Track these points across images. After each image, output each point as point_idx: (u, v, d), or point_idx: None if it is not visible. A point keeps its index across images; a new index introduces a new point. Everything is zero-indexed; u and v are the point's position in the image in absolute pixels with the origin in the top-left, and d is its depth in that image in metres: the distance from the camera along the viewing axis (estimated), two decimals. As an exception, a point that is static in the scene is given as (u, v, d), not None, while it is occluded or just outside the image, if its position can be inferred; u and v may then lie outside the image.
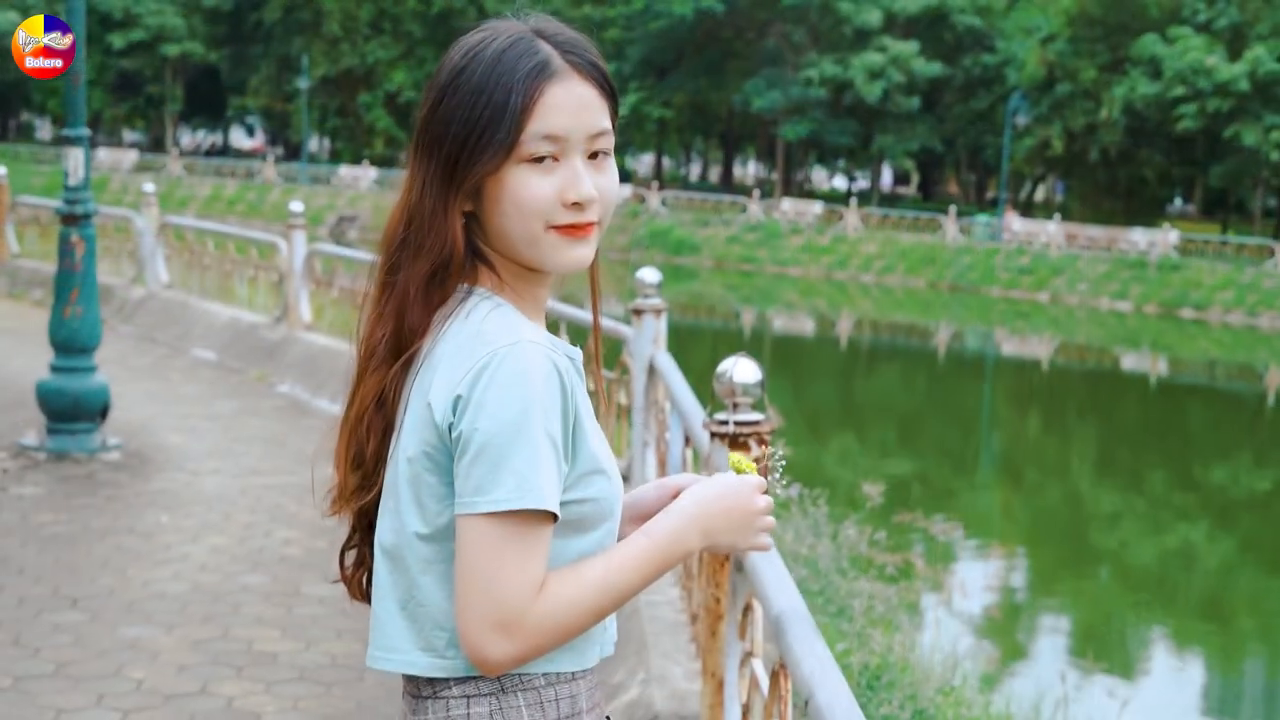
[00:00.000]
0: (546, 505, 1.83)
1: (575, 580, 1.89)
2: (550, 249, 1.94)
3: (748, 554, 3.53)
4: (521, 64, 1.91)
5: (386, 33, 68.27)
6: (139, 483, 8.80)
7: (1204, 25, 55.00)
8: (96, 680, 5.62)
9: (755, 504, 2.05)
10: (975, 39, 64.10)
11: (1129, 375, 37.34)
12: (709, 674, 4.15)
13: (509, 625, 1.84)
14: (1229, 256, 49.99)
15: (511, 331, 1.89)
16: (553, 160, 1.92)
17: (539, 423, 1.83)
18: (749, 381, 3.94)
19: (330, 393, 11.84)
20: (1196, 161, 58.46)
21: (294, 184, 60.44)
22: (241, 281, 14.88)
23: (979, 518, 17.62)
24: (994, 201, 64.77)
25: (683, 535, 1.99)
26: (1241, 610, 16.24)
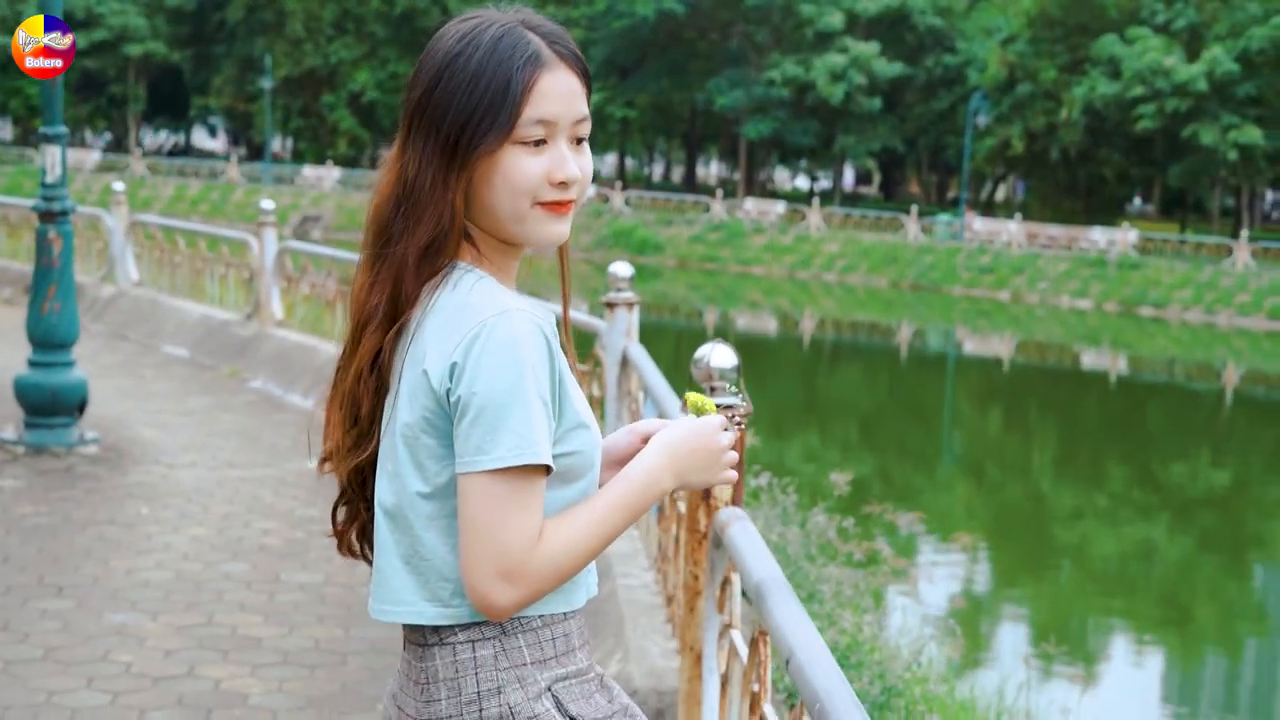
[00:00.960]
0: (543, 460, 1.99)
1: (568, 527, 2.05)
2: (535, 224, 2.10)
3: (726, 529, 3.71)
4: (517, 52, 2.06)
5: (350, 33, 68.25)
6: (117, 476, 8.91)
7: (1162, 26, 55.55)
8: (86, 664, 5.75)
9: (720, 442, 2.23)
10: (936, 40, 64.52)
11: (1089, 373, 37.66)
12: (687, 648, 4.31)
13: (513, 573, 1.99)
14: (1187, 255, 50.52)
15: (498, 301, 2.03)
16: (541, 143, 2.08)
17: (531, 384, 1.98)
18: (726, 366, 4.08)
19: (302, 388, 11.97)
20: (1155, 161, 58.98)
21: (258, 184, 60.40)
22: (212, 279, 14.96)
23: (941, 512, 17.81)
24: (955, 201, 65.22)
25: (658, 477, 2.16)
26: (1199, 602, 16.49)
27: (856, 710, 2.45)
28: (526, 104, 2.06)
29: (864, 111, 61.29)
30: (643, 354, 6.89)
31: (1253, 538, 20.04)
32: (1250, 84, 52.63)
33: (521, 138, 2.06)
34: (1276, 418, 32.65)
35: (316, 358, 12.26)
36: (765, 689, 3.29)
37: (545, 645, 2.11)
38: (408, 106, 2.15)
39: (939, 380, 35.38)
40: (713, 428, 2.23)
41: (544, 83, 2.07)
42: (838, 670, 2.66)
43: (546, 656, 2.11)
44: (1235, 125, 52.36)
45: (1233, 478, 24.33)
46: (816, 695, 2.54)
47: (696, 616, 4.25)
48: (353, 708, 5.46)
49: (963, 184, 61.19)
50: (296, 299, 13.54)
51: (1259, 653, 15.24)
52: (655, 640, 5.33)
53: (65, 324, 9.29)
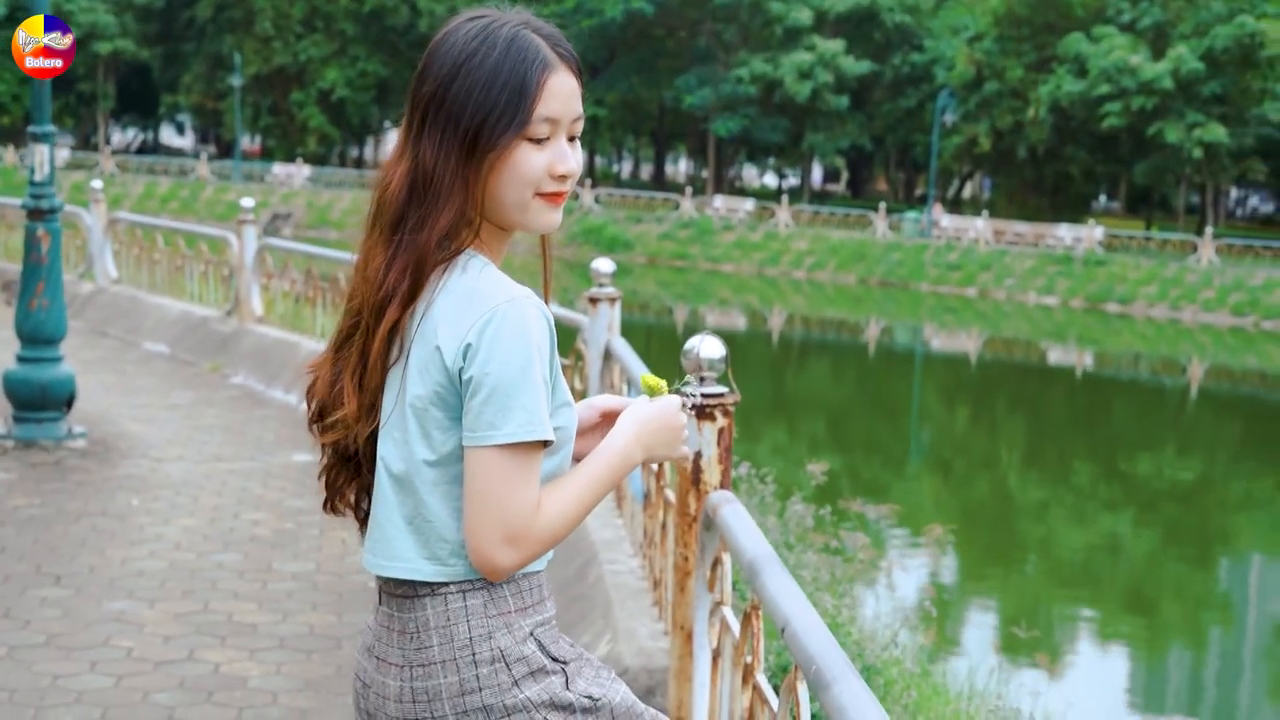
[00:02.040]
0: (547, 436, 2.20)
1: (560, 496, 2.27)
2: (535, 213, 2.30)
3: (718, 511, 3.91)
4: (529, 54, 2.25)
5: (319, 31, 68.18)
6: (106, 469, 9.06)
7: (1128, 25, 55.94)
8: (87, 649, 5.91)
9: (679, 420, 2.49)
10: (904, 38, 64.84)
11: (1056, 369, 37.91)
12: (678, 627, 4.50)
13: (516, 538, 2.20)
14: (1153, 252, 50.94)
15: (508, 288, 2.23)
16: (545, 140, 2.28)
17: (537, 367, 2.19)
18: (714, 357, 4.27)
19: (284, 384, 12.12)
20: (1121, 159, 59.36)
21: (227, 182, 60.30)
22: (191, 276, 15.08)
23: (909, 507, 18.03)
24: (922, 198, 65.56)
25: (630, 451, 2.40)
26: (1164, 594, 16.74)
27: (849, 669, 2.64)
28: (538, 103, 2.24)
29: (832, 109, 61.51)
30: (625, 347, 7.09)
31: (1217, 531, 20.30)
32: (1215, 82, 53.04)
33: (532, 135, 2.25)
34: (1240, 413, 32.94)
35: (297, 353, 12.41)
36: (758, 660, 3.49)
37: (525, 595, 2.31)
38: (420, 98, 2.30)
39: (907, 376, 35.62)
40: (674, 407, 2.48)
41: (551, 83, 2.26)
42: (830, 636, 2.86)
43: (527, 605, 2.31)
44: (1200, 123, 52.76)
45: (1197, 472, 24.57)
46: (812, 658, 2.74)
47: (687, 596, 4.45)
48: (349, 689, 5.63)
49: (930, 181, 61.46)
50: (276, 296, 13.68)
51: (1222, 642, 15.49)
52: (643, 622, 5.53)
53: (53, 320, 9.44)
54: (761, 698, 3.42)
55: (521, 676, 2.27)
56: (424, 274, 2.26)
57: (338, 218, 56.80)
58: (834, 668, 2.65)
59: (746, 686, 3.57)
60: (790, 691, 3.07)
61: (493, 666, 2.26)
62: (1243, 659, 15.13)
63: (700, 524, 4.30)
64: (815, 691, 2.67)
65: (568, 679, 2.31)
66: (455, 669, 2.26)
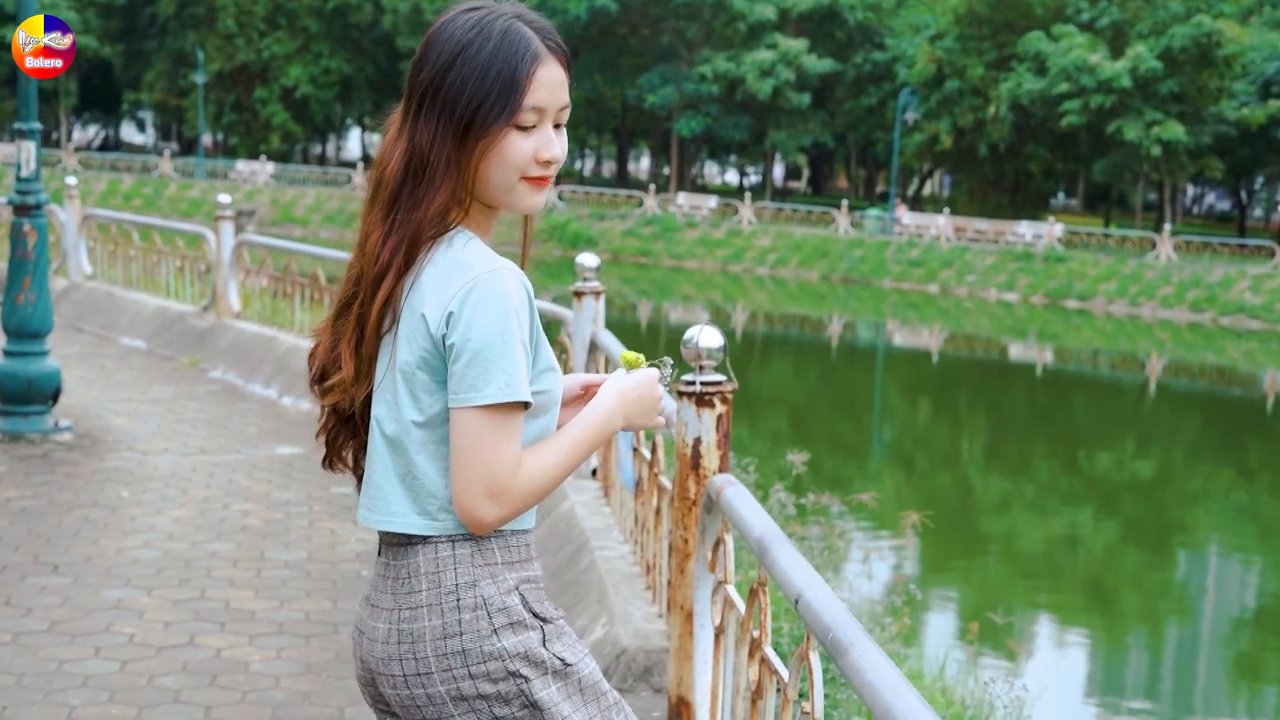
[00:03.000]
0: (525, 398, 2.34)
1: (543, 456, 2.43)
2: (521, 195, 2.46)
3: (721, 493, 4.07)
4: (520, 46, 2.41)
5: (282, 28, 68.06)
6: (93, 461, 9.17)
7: (1087, 24, 56.41)
8: (90, 636, 6.02)
9: (656, 391, 2.65)
10: (866, 36, 65.19)
11: (1017, 364, 38.19)
12: (677, 607, 4.66)
13: (498, 494, 2.36)
14: (1112, 249, 51.40)
15: (490, 259, 2.39)
16: (532, 127, 2.43)
17: (515, 332, 2.34)
18: (713, 346, 4.45)
19: (263, 378, 12.23)
20: (1081, 156, 59.82)
21: (191, 179, 60.13)
22: (167, 272, 15.15)
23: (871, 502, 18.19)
24: (883, 195, 65.90)
25: (611, 419, 2.56)
26: (1123, 585, 16.96)
27: (864, 634, 2.80)
28: (527, 93, 2.40)
29: (794, 107, 61.76)
30: (611, 338, 7.25)
31: (1175, 523, 20.55)
32: (1173, 81, 53.52)
33: (520, 123, 2.41)
34: (1198, 408, 33.28)
35: (276, 348, 12.52)
36: (766, 633, 3.65)
37: (512, 550, 2.46)
38: (419, 85, 2.45)
39: (869, 372, 35.85)
40: (651, 379, 2.65)
41: (540, 74, 2.41)
42: (842, 604, 3.02)
43: (514, 560, 2.46)
44: (1158, 121, 53.24)
45: (1156, 466, 24.86)
46: (828, 626, 2.90)
47: (687, 577, 4.60)
48: (348, 673, 5.76)
49: (892, 179, 61.82)
50: (254, 290, 13.77)
51: (1179, 631, 15.71)
52: (637, 605, 5.68)
53: (40, 314, 9.53)
54: (770, 668, 3.57)
55: (501, 626, 2.40)
56: (417, 249, 2.42)
57: (302, 214, 56.74)
58: (850, 633, 2.81)
59: (753, 659, 3.72)
60: (801, 660, 3.23)
61: (475, 613, 2.40)
62: (1199, 647, 15.37)
63: (701, 507, 4.46)
64: (833, 656, 2.82)
65: (545, 637, 2.44)
66: (440, 613, 2.41)
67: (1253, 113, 56.21)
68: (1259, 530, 20.53)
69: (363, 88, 71.85)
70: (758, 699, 3.68)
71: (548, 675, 2.43)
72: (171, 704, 5.34)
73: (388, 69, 70.65)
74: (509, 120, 2.39)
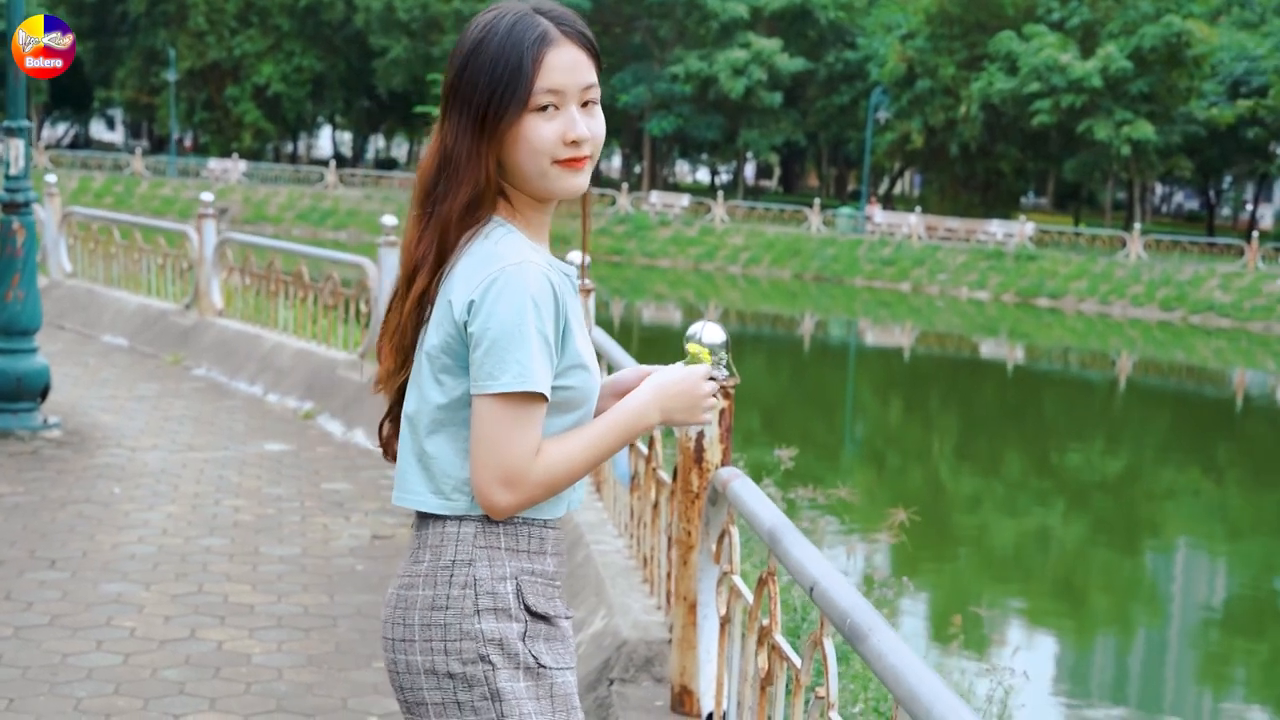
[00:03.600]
0: (539, 388, 2.39)
1: (563, 446, 2.46)
2: (555, 179, 2.50)
3: (728, 485, 4.16)
4: (527, 34, 2.47)
5: (254, 26, 67.93)
6: (84, 458, 9.21)
7: (1058, 24, 56.71)
8: (91, 629, 6.08)
9: (702, 389, 2.63)
10: (837, 35, 65.39)
11: (988, 362, 38.38)
12: (680, 598, 4.75)
13: (512, 480, 2.42)
14: (1082, 247, 51.70)
15: (518, 253, 2.44)
16: (554, 109, 2.48)
17: (533, 324, 2.39)
18: (716, 342, 4.52)
19: (248, 375, 12.28)
20: (1051, 155, 60.14)
21: (162, 177, 60.04)
22: (149, 270, 15.17)
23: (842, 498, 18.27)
24: (855, 194, 66.13)
25: (645, 412, 2.57)
26: (1093, 582, 17.08)
27: (881, 620, 2.90)
28: (537, 77, 2.45)
29: (766, 106, 61.93)
30: (604, 336, 7.31)
31: (1144, 521, 20.71)
32: (1143, 81, 53.87)
33: (536, 105, 2.46)
34: (1168, 406, 33.50)
35: (260, 346, 12.56)
36: (775, 622, 3.74)
37: (520, 539, 2.50)
38: (444, 87, 2.55)
39: (842, 370, 35.99)
40: (698, 375, 2.63)
41: (550, 58, 2.47)
42: (857, 592, 3.12)
43: (520, 549, 2.50)
44: (1128, 121, 53.58)
45: (1126, 464, 25.02)
46: (846, 613, 2.99)
47: (690, 568, 4.70)
48: (350, 665, 5.85)
49: (864, 178, 62.05)
50: (238, 289, 13.81)
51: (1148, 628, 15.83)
52: (635, 598, 5.77)
53: (29, 312, 9.58)
54: (781, 655, 3.66)
55: (485, 609, 2.45)
56: (448, 243, 2.49)
57: (274, 213, 56.69)
58: (868, 620, 2.90)
59: (762, 647, 3.81)
60: (814, 646, 3.32)
61: (463, 590, 2.46)
62: (1168, 644, 15.50)
63: (705, 500, 4.55)
64: (852, 642, 2.91)
65: (527, 632, 2.47)
66: (433, 584, 2.48)
67: (1221, 113, 56.63)
68: (1228, 528, 20.71)
69: (335, 86, 71.76)
70: (767, 685, 3.76)
71: (518, 670, 2.46)
72: (177, 696, 5.41)
73: (360, 67, 70.56)
74: (524, 106, 2.45)
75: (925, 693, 2.54)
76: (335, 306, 12.06)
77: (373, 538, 7.76)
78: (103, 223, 16.62)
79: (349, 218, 56.96)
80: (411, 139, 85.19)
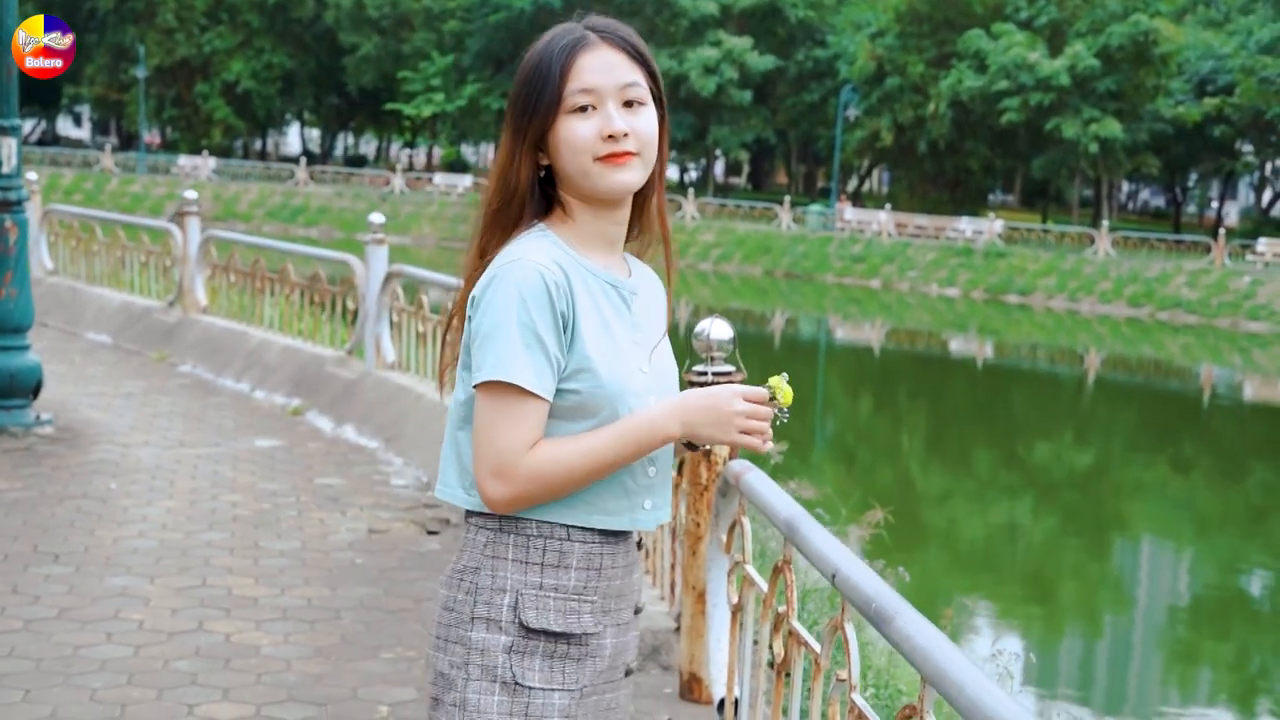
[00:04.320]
0: (514, 379, 2.40)
1: (561, 445, 2.44)
2: (598, 177, 2.51)
3: (741, 478, 4.27)
4: (560, 42, 2.55)
5: (224, 23, 67.80)
6: (77, 454, 9.28)
7: (1026, 22, 57.05)
8: (100, 622, 6.16)
9: (732, 406, 2.52)
10: (807, 33, 65.60)
11: (957, 358, 38.61)
12: (689, 588, 4.87)
13: (502, 473, 2.43)
14: (1051, 244, 51.99)
15: (524, 250, 2.49)
16: (592, 109, 2.53)
17: (516, 319, 2.42)
18: (724, 338, 4.67)
19: (234, 372, 12.35)
20: (1019, 153, 60.50)
21: (132, 174, 59.90)
22: (132, 267, 15.21)
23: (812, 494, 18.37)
24: (824, 191, 66.34)
25: (661, 423, 2.49)
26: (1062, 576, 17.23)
27: (906, 604, 3.02)
28: (568, 79, 2.51)
29: (736, 104, 62.12)
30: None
31: (1112, 515, 20.88)
32: (1110, 79, 54.25)
33: (570, 107, 2.51)
34: (1136, 401, 33.75)
35: (247, 343, 12.63)
36: (792, 608, 3.86)
37: (533, 550, 2.49)
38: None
39: (812, 365, 36.12)
40: (730, 392, 2.54)
41: (583, 60, 2.52)
42: (878, 577, 3.24)
43: (531, 561, 2.49)
44: (1096, 119, 53.98)
45: (1095, 459, 25.21)
46: (871, 598, 3.11)
47: (699, 559, 4.82)
48: (358, 656, 5.94)
49: (833, 175, 62.28)
50: (222, 286, 13.86)
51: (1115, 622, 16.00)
52: (638, 589, 5.89)
53: (21, 309, 9.64)
54: (799, 640, 3.78)
55: (479, 617, 2.48)
56: (486, 246, 2.57)
57: (244, 210, 56.59)
58: (893, 603, 3.02)
59: (778, 634, 3.92)
60: (835, 631, 3.45)
61: (465, 597, 2.51)
62: (1135, 637, 15.66)
63: (714, 492, 4.67)
64: (877, 625, 3.03)
65: (514, 647, 2.47)
66: (449, 585, 2.55)
67: (1188, 111, 57.08)
68: (1195, 522, 20.92)
69: (304, 83, 71.65)
70: (784, 670, 3.89)
71: (494, 683, 2.47)
72: (190, 686, 5.50)
73: (329, 64, 70.48)
74: (556, 108, 2.50)
75: (955, 671, 2.67)
76: (322, 304, 12.14)
77: (369, 532, 7.84)
78: (84, 220, 16.63)
79: (320, 215, 56.92)
80: (380, 136, 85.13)
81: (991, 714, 2.47)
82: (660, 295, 2.74)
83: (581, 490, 2.49)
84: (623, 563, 2.59)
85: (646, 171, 2.57)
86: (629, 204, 2.62)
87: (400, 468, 9.53)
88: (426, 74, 66.00)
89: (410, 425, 9.99)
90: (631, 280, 2.64)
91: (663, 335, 2.67)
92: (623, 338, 2.55)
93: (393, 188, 59.92)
